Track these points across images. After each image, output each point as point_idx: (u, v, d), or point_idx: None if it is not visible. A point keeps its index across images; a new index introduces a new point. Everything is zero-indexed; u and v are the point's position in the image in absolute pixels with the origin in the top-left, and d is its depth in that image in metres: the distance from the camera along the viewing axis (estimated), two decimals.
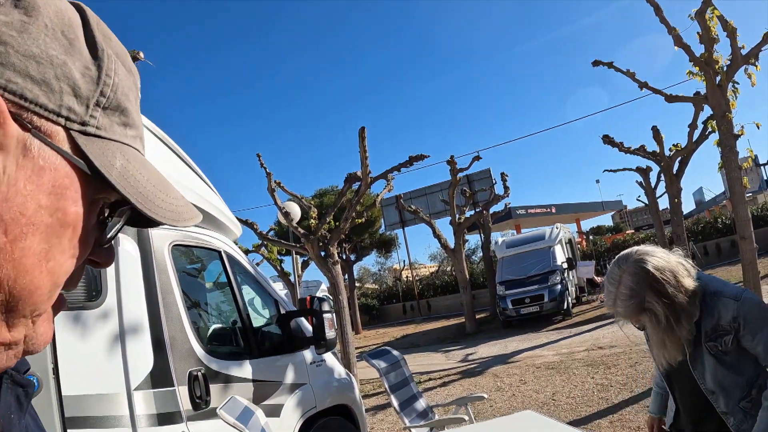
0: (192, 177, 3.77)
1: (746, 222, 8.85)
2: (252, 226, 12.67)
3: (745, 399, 2.20)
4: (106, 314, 2.53)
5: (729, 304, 2.16)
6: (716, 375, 2.22)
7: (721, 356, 2.19)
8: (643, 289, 2.13)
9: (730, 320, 2.14)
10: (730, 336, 2.15)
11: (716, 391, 2.25)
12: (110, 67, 0.57)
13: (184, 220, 0.60)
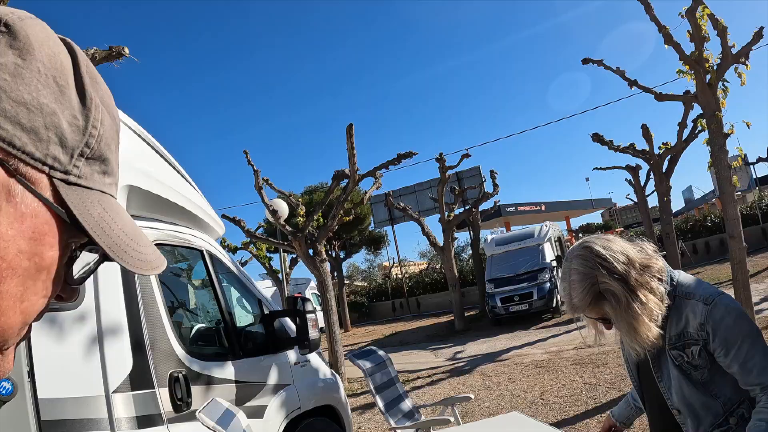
0: (172, 174, 3.72)
1: (735, 221, 8.89)
2: (240, 224, 12.61)
3: (720, 427, 1.94)
4: (83, 316, 2.49)
5: (698, 307, 1.91)
6: (682, 391, 1.97)
7: (688, 370, 1.94)
8: (592, 269, 1.90)
9: (697, 327, 1.90)
10: (697, 346, 1.90)
11: (683, 412, 2.00)
12: (96, 117, 0.57)
13: (151, 269, 0.61)
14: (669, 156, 15.02)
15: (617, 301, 1.87)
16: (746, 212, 25.73)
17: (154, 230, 3.36)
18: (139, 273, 0.60)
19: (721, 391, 1.93)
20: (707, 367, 1.92)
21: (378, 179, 12.54)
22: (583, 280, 1.91)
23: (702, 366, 1.92)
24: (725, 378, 1.92)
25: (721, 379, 1.93)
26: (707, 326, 1.88)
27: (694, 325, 1.91)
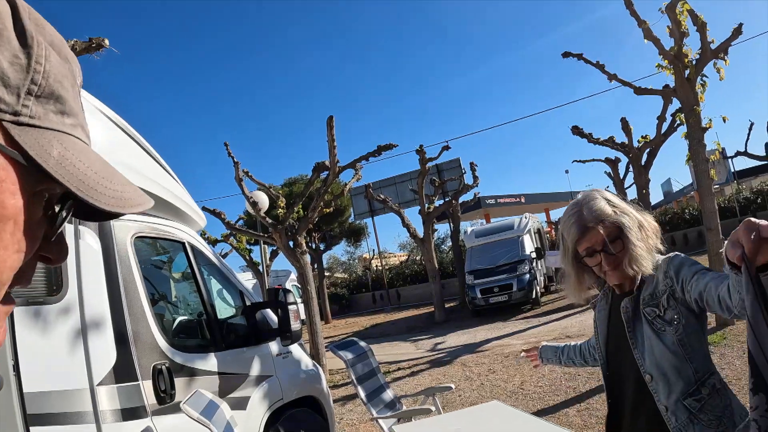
0: (153, 166, 3.70)
1: (713, 214, 9.03)
2: (220, 216, 12.56)
3: (692, 396, 1.96)
4: (67, 309, 2.48)
5: (662, 264, 2.03)
6: (654, 354, 2.00)
7: (662, 327, 1.99)
8: (610, 200, 2.10)
9: (663, 278, 2.00)
10: (666, 295, 1.99)
11: (654, 376, 2.01)
12: (40, 54, 0.55)
13: (131, 206, 0.58)
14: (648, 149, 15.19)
15: (631, 226, 2.01)
16: (724, 205, 26.13)
17: (136, 222, 3.35)
18: (118, 211, 0.57)
19: (694, 355, 1.97)
20: (681, 322, 1.96)
21: (358, 171, 12.54)
22: (604, 204, 2.07)
23: (675, 321, 1.97)
24: (697, 341, 1.99)
25: (694, 341, 1.98)
26: (670, 272, 1.99)
27: (660, 278, 2.02)
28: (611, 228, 2.03)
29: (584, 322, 12.79)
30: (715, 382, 1.99)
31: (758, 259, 1.27)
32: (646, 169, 15.67)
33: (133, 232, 3.25)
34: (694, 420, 1.93)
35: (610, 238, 2.03)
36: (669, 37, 8.98)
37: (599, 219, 2.04)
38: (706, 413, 1.93)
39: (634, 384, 2.12)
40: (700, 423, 1.92)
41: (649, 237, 2.06)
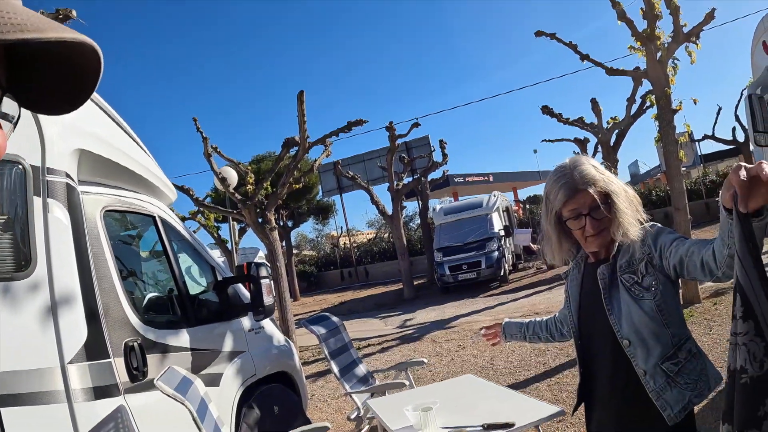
0: (124, 138, 3.60)
1: (681, 194, 9.16)
2: (188, 192, 12.37)
3: (669, 360, 2.01)
4: (36, 285, 2.39)
5: (639, 232, 2.07)
6: (632, 319, 2.04)
7: (640, 293, 2.03)
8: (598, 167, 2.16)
9: (640, 246, 2.05)
10: (643, 262, 2.04)
11: (633, 341, 2.05)
12: None
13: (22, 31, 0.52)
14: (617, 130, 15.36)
15: (619, 193, 2.08)
16: (691, 187, 26.65)
17: (105, 196, 3.26)
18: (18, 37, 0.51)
19: (671, 321, 2.03)
20: (659, 288, 2.01)
21: (328, 147, 12.43)
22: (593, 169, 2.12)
23: (653, 286, 2.02)
24: (675, 307, 2.05)
25: (671, 307, 2.04)
26: (648, 240, 2.05)
27: (637, 247, 2.06)
28: (600, 193, 2.07)
29: (552, 299, 12.95)
30: (691, 347, 2.06)
31: (750, 205, 1.36)
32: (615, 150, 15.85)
33: (103, 205, 3.16)
34: (672, 383, 1.98)
35: (598, 202, 2.06)
36: (642, 19, 9.03)
37: (590, 183, 2.08)
38: (683, 376, 1.99)
39: (610, 350, 2.14)
40: (677, 386, 1.98)
41: (633, 205, 2.11)
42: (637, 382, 2.04)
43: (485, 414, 3.25)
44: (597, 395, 2.28)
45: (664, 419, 1.97)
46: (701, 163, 33.37)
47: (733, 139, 23.00)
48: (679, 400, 1.97)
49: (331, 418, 6.65)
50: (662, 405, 1.98)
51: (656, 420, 2.00)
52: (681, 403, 1.97)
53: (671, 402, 1.97)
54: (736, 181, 1.35)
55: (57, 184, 2.60)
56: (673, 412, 1.96)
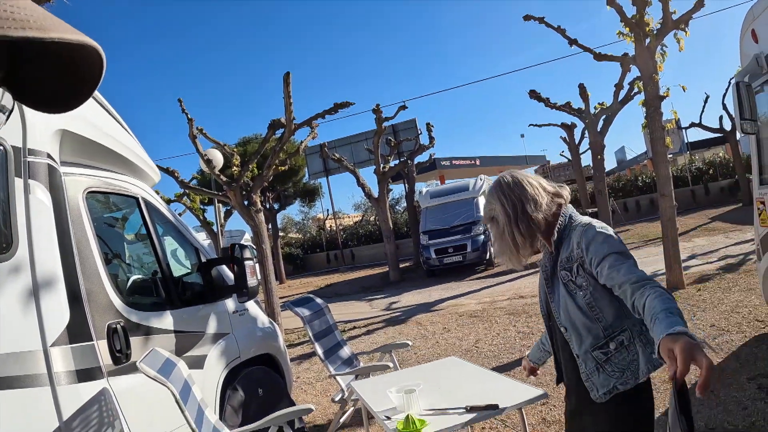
0: (107, 119, 3.56)
1: (667, 180, 9.22)
2: (173, 175, 12.27)
3: (599, 348, 2.19)
4: (17, 268, 2.37)
5: (578, 230, 2.22)
6: (568, 311, 2.25)
7: (574, 290, 2.22)
8: (493, 198, 2.38)
9: (576, 246, 2.19)
10: (577, 263, 2.19)
11: (568, 329, 2.27)
12: None
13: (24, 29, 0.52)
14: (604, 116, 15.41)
15: (498, 226, 2.36)
16: (677, 174, 26.93)
17: (88, 177, 3.23)
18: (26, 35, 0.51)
19: (603, 316, 2.19)
20: (589, 289, 2.19)
21: (314, 129, 12.37)
22: (487, 204, 2.44)
23: (584, 287, 2.19)
24: (607, 305, 2.19)
25: (603, 305, 2.19)
26: (582, 243, 2.17)
27: (574, 246, 2.22)
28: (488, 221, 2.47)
29: (537, 282, 12.97)
30: (624, 339, 2.19)
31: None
32: (602, 136, 15.92)
33: (86, 187, 3.14)
34: (600, 369, 2.19)
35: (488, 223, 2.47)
36: (632, 5, 9.03)
37: (484, 221, 2.51)
38: (611, 365, 2.18)
39: (559, 333, 2.38)
40: (604, 372, 2.18)
41: (536, 211, 2.29)
42: (576, 364, 2.30)
43: (469, 396, 3.27)
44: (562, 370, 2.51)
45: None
46: (688, 150, 33.59)
47: (720, 127, 23.10)
48: (605, 384, 2.18)
49: (316, 400, 6.68)
50: (590, 386, 2.23)
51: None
52: (606, 388, 2.18)
53: (597, 385, 2.20)
54: (681, 364, 1.43)
55: (38, 165, 2.57)
56: (598, 394, 2.19)
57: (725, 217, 19.30)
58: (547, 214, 2.30)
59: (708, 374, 1.38)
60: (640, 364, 2.15)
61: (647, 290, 1.86)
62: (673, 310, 1.70)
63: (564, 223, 2.30)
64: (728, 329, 6.36)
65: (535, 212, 2.27)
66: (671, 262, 9.21)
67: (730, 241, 13.57)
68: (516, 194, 2.31)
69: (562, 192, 2.39)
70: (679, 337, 1.50)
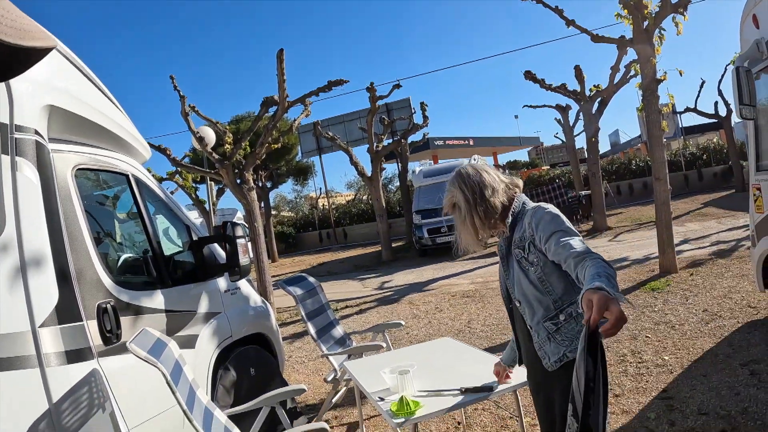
0: (96, 94, 3.49)
1: (662, 164, 9.20)
2: (165, 152, 12.18)
3: (550, 320, 2.39)
4: (4, 247, 2.31)
5: (529, 213, 2.45)
6: (521, 285, 2.46)
7: (526, 267, 2.43)
8: (454, 186, 2.59)
9: (527, 226, 2.41)
10: (529, 241, 2.41)
11: (522, 302, 2.48)
12: None
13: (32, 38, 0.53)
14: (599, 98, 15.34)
15: (459, 213, 2.57)
16: (670, 159, 26.96)
17: (77, 154, 3.17)
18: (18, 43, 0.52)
19: (553, 290, 2.39)
20: (539, 264, 2.39)
21: (307, 107, 12.29)
22: (448, 193, 2.63)
23: (536, 263, 2.40)
24: (557, 279, 2.39)
25: (553, 280, 2.39)
26: (533, 222, 2.38)
27: (526, 226, 2.43)
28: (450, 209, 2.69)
29: None
30: (572, 311, 2.37)
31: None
32: (597, 118, 15.87)
33: (74, 163, 3.07)
34: (551, 338, 2.39)
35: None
36: None
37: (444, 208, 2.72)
38: (561, 334, 2.37)
39: (517, 310, 2.59)
40: (555, 341, 2.38)
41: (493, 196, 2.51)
42: (530, 333, 2.51)
43: (463, 377, 3.26)
44: (520, 345, 2.74)
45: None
46: (682, 135, 33.65)
47: (715, 113, 23.09)
48: (556, 352, 2.37)
49: (308, 380, 6.68)
50: (542, 355, 2.42)
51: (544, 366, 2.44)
52: (557, 356, 2.36)
53: (549, 353, 2.39)
54: (596, 312, 1.64)
55: (26, 141, 2.51)
56: (550, 361, 2.38)
57: (718, 202, 19.36)
58: (503, 200, 2.53)
59: (615, 321, 1.58)
60: None
61: (588, 261, 2.02)
62: (602, 273, 1.86)
63: (518, 208, 2.53)
64: (720, 314, 6.38)
65: (492, 197, 2.50)
66: (664, 246, 9.22)
67: (723, 226, 13.60)
68: (475, 181, 2.53)
69: (517, 182, 2.63)
70: (598, 291, 1.68)
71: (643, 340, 5.98)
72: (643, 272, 9.60)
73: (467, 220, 2.53)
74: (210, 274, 4.34)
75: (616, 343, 6.03)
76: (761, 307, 6.34)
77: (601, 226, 17.08)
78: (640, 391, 4.70)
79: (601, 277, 1.83)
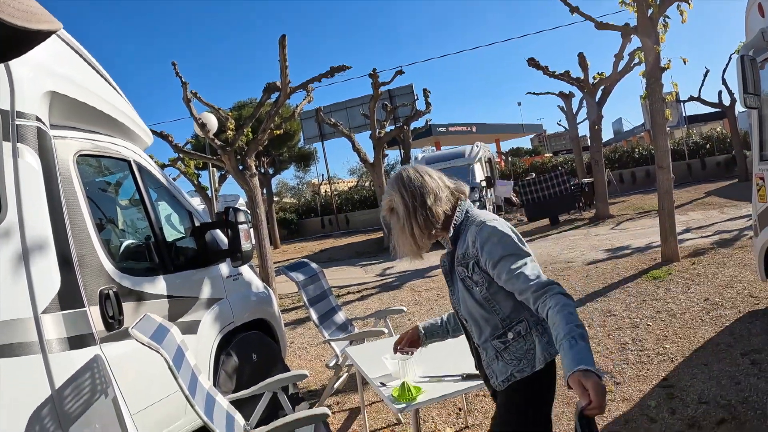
0: (97, 80, 3.48)
1: (665, 152, 9.16)
2: (167, 139, 12.16)
3: (498, 338, 2.24)
4: (6, 233, 2.32)
5: (473, 229, 2.23)
6: (466, 304, 2.29)
7: (470, 285, 2.25)
8: (393, 189, 2.35)
9: (471, 244, 2.21)
10: (472, 261, 2.22)
11: (468, 321, 2.33)
12: None
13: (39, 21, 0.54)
14: (603, 86, 15.27)
15: (397, 219, 2.34)
16: (674, 148, 26.89)
17: (79, 140, 3.17)
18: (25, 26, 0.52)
19: (500, 309, 2.23)
20: (485, 285, 2.22)
21: (310, 93, 12.24)
22: (386, 195, 2.39)
23: (480, 283, 2.22)
24: (504, 298, 2.22)
25: (500, 299, 2.22)
26: (477, 243, 2.19)
27: (470, 243, 2.23)
28: (388, 213, 2.44)
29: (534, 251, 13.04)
30: (521, 329, 2.22)
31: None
32: (600, 106, 15.82)
33: (76, 150, 3.07)
34: (499, 357, 2.25)
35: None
36: None
37: (383, 210, 2.45)
38: (509, 353, 2.22)
39: (463, 325, 2.45)
40: (503, 360, 2.24)
41: (435, 204, 2.28)
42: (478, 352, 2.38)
43: (464, 363, 3.26)
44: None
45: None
46: (685, 124, 33.54)
47: (719, 102, 22.95)
48: (504, 372, 2.23)
49: (310, 366, 6.71)
50: (490, 374, 2.30)
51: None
52: (504, 375, 2.23)
53: (497, 372, 2.26)
54: (595, 398, 1.63)
55: (27, 128, 2.50)
56: (498, 381, 2.26)
57: (721, 192, 19.29)
58: (446, 208, 2.31)
59: (601, 401, 1.62)
60: (537, 353, 2.20)
61: (548, 300, 1.95)
62: (575, 335, 1.80)
63: (460, 218, 2.32)
64: (722, 304, 6.38)
65: (434, 205, 2.28)
66: (667, 235, 9.20)
67: (725, 216, 13.56)
68: (416, 186, 2.30)
69: (462, 188, 2.42)
70: (590, 375, 1.67)
71: (644, 328, 5.99)
72: (645, 260, 9.59)
73: (406, 228, 2.31)
74: (212, 260, 4.35)
75: (617, 331, 6.04)
76: (763, 296, 6.34)
77: (604, 214, 17.05)
78: (640, 379, 4.71)
79: (576, 342, 1.78)
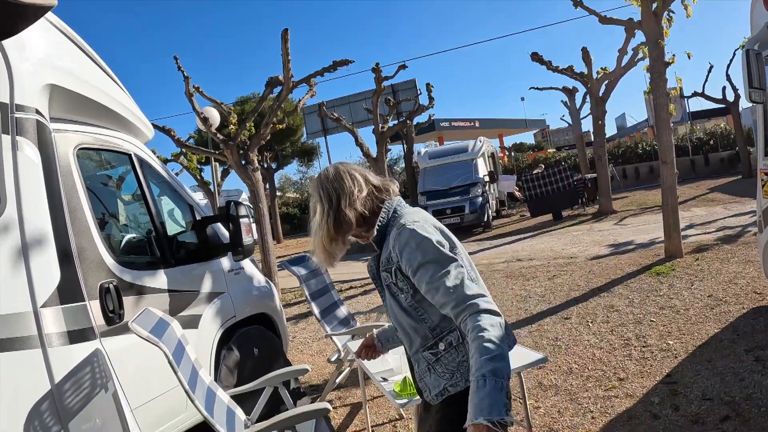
0: (98, 73, 3.46)
1: (669, 147, 9.13)
2: (169, 133, 12.13)
3: (429, 349, 2.10)
4: (5, 227, 2.30)
5: (393, 232, 2.08)
6: (394, 311, 2.17)
7: (396, 292, 2.11)
8: (313, 190, 2.26)
9: (392, 249, 2.07)
10: (395, 266, 2.07)
11: (399, 330, 2.21)
12: None
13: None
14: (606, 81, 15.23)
15: (314, 221, 2.21)
16: (677, 143, 26.85)
17: (79, 134, 3.15)
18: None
19: (428, 317, 2.09)
20: (410, 291, 2.07)
21: (312, 87, 12.21)
22: (312, 194, 2.27)
23: (405, 290, 2.08)
24: (430, 305, 2.05)
25: (427, 306, 2.07)
26: (397, 247, 2.04)
27: (392, 247, 2.07)
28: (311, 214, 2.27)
29: (534, 246, 13.04)
30: (452, 340, 2.08)
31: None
32: (603, 101, 15.77)
33: (76, 143, 3.06)
34: (431, 369, 2.11)
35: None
36: None
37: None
38: (441, 365, 2.08)
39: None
40: (435, 373, 2.09)
41: (348, 207, 2.13)
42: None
43: None
44: None
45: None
46: (689, 120, 33.46)
47: (723, 98, 22.87)
48: (436, 385, 2.09)
49: (312, 360, 6.70)
50: (423, 387, 2.17)
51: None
52: (437, 389, 2.08)
53: (430, 386, 2.12)
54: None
55: (27, 121, 2.49)
56: (431, 395, 2.11)
57: (724, 188, 19.24)
58: (364, 210, 2.16)
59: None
60: (469, 366, 2.03)
61: (468, 320, 1.83)
62: (485, 373, 1.71)
63: (386, 219, 2.16)
64: (726, 300, 6.35)
65: (347, 207, 2.13)
66: (670, 231, 9.17)
67: (729, 212, 13.51)
68: (333, 187, 2.16)
69: (389, 186, 2.24)
70: (483, 429, 1.60)
71: (647, 324, 5.97)
72: (648, 256, 9.56)
73: (318, 231, 2.18)
74: (213, 254, 4.33)
75: (620, 326, 6.02)
76: (767, 293, 6.31)
77: (607, 209, 17.03)
78: (644, 375, 4.70)
79: (486, 383, 1.69)
